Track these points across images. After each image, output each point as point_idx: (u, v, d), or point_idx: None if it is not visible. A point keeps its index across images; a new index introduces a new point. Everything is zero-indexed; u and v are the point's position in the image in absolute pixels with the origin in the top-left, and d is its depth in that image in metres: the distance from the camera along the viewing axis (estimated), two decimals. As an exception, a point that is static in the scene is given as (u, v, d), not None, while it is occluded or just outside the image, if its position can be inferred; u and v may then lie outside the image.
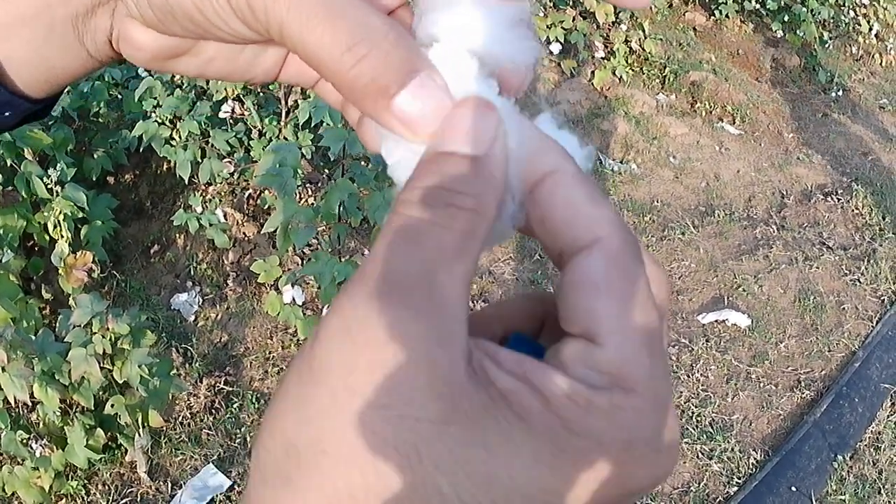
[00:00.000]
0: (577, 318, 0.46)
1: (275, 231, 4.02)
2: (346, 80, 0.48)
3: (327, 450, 0.40)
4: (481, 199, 0.45)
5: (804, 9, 9.18)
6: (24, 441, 3.52)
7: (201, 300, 5.07)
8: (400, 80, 0.48)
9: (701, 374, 4.94)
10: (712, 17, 9.85)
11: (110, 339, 3.45)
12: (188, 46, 0.57)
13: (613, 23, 8.19)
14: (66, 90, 0.61)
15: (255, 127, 5.17)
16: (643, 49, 8.46)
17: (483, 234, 0.46)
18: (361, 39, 0.48)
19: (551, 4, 7.87)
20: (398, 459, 0.40)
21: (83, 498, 3.94)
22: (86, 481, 4.00)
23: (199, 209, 5.02)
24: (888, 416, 4.76)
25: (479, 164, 0.46)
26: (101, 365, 3.43)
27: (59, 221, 4.06)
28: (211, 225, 5.01)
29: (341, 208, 3.94)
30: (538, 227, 0.49)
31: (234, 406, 4.45)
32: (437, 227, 0.44)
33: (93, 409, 3.59)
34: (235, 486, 4.07)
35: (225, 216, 5.16)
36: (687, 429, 4.55)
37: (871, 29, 9.80)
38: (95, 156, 4.94)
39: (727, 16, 9.70)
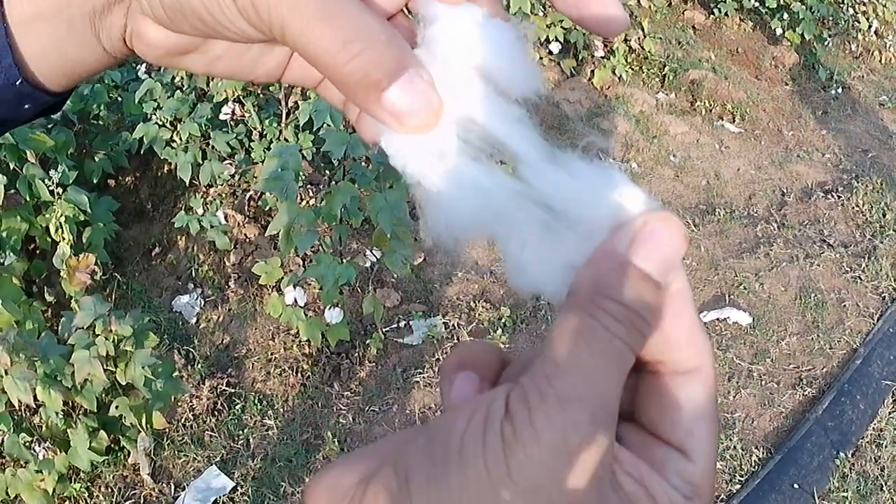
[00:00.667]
0: (675, 432, 0.50)
1: (277, 233, 4.03)
2: (342, 74, 0.51)
3: None
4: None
5: (803, 6, 9.17)
6: (28, 444, 3.52)
7: (203, 302, 5.08)
8: (390, 75, 0.51)
9: (703, 373, 4.93)
10: (711, 16, 9.85)
11: (113, 341, 3.45)
12: (197, 44, 0.58)
13: (613, 22, 8.17)
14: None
15: (255, 128, 5.18)
16: (643, 48, 8.46)
17: None
18: (357, 38, 0.50)
19: (550, 4, 7.86)
20: None
21: (86, 500, 3.95)
22: (89, 484, 4.00)
23: (200, 211, 5.03)
24: (890, 413, 4.75)
25: (661, 294, 0.48)
26: (105, 367, 3.43)
27: (60, 224, 4.06)
28: (212, 227, 5.01)
29: (342, 210, 3.95)
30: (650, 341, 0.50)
31: (237, 408, 4.46)
32: (629, 351, 0.46)
33: (95, 411, 3.59)
34: (238, 488, 4.07)
35: (226, 218, 5.16)
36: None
37: (870, 26, 9.78)
38: (96, 158, 4.95)
39: (726, 14, 9.70)
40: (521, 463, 0.42)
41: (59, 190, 4.22)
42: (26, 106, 0.59)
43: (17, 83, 0.58)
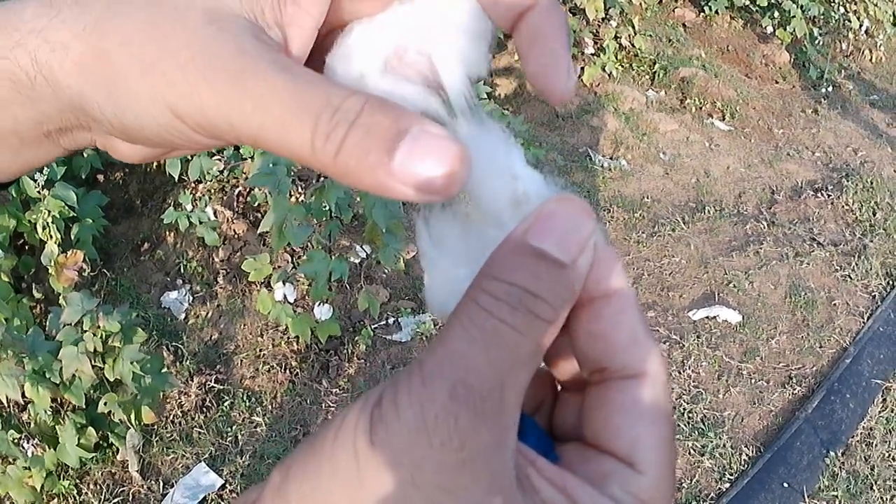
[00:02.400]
0: (619, 441, 0.48)
1: (267, 230, 4.02)
2: (336, 169, 0.46)
3: None
4: (559, 312, 0.46)
5: (794, 5, 9.17)
6: (16, 441, 3.52)
7: (192, 298, 5.06)
8: (389, 147, 0.45)
9: (692, 371, 4.94)
10: (702, 14, 9.87)
11: (101, 337, 3.44)
12: (174, 148, 0.56)
13: (603, 19, 8.18)
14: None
15: (245, 124, 5.16)
16: (633, 45, 8.46)
17: (547, 346, 0.46)
18: (336, 123, 0.45)
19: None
20: None
21: (75, 497, 3.94)
22: (77, 481, 3.99)
23: (189, 207, 5.01)
24: (880, 413, 4.76)
25: (566, 275, 0.46)
26: (93, 363, 3.42)
27: (48, 223, 4.04)
28: (201, 223, 5.00)
29: (333, 206, 3.94)
30: (587, 340, 0.50)
31: (226, 404, 4.45)
32: (517, 334, 0.44)
33: (84, 407, 3.58)
34: (227, 485, 4.06)
35: (215, 214, 5.14)
36: (678, 425, 4.55)
37: (861, 25, 9.80)
38: (85, 154, 4.92)
39: (717, 12, 9.71)
40: (383, 441, 0.42)
41: (45, 189, 4.20)
42: None
43: None
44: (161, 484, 4.05)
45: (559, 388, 0.56)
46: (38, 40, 0.50)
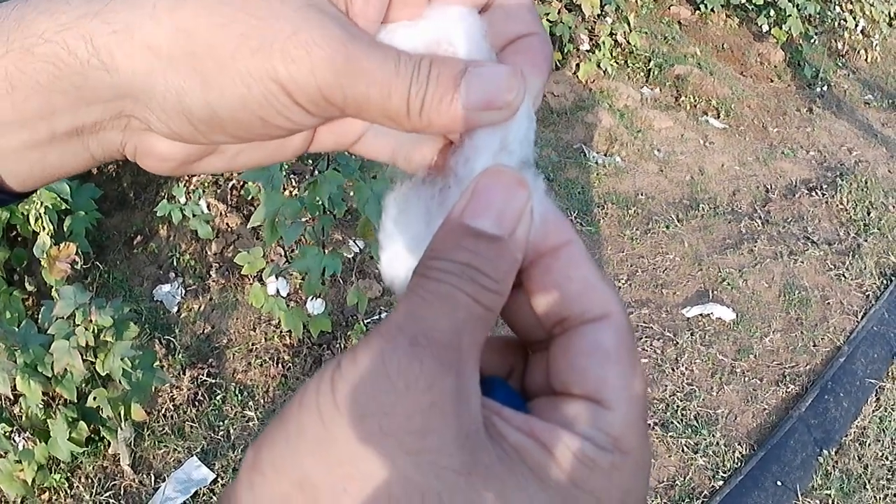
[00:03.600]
0: (585, 382, 0.49)
1: (260, 223, 4.01)
2: (423, 121, 0.52)
3: (349, 489, 0.41)
4: (504, 282, 0.48)
5: (790, 4, 9.19)
6: (7, 434, 3.50)
7: (184, 291, 5.05)
8: (454, 84, 0.51)
9: (686, 368, 4.94)
10: (697, 11, 9.88)
11: (93, 332, 3.43)
12: (213, 148, 0.58)
13: (599, 16, 8.19)
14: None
15: (239, 117, 5.16)
16: (628, 42, 8.48)
17: (499, 310, 0.49)
18: (420, 84, 0.51)
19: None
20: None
21: (66, 491, 3.92)
22: (69, 474, 3.98)
23: (182, 200, 5.01)
24: (873, 412, 4.77)
25: (504, 247, 0.48)
26: (84, 357, 3.41)
27: (40, 215, 4.03)
28: (194, 216, 4.99)
29: (327, 200, 3.94)
30: (544, 296, 0.52)
31: (218, 398, 4.44)
32: (469, 299, 0.46)
33: (75, 401, 3.57)
34: (219, 480, 4.05)
35: (208, 207, 5.14)
36: (672, 423, 4.55)
37: (856, 25, 9.83)
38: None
39: (712, 10, 9.73)
40: (346, 396, 0.42)
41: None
42: None
43: None
44: (153, 478, 4.04)
45: (530, 352, 0.57)
46: (95, 22, 0.50)
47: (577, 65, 8.20)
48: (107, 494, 3.93)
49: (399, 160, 0.61)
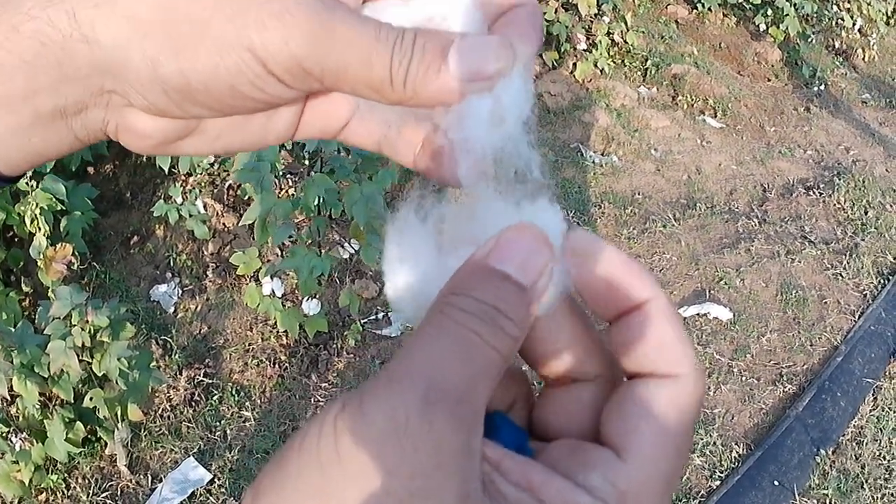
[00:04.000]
0: (617, 431, 0.49)
1: (254, 223, 4.01)
2: (408, 91, 0.51)
3: None
4: (521, 330, 0.48)
5: (787, 3, 9.19)
6: (4, 435, 3.50)
7: (181, 291, 5.06)
8: (443, 54, 0.51)
9: (683, 368, 4.94)
10: (694, 11, 9.88)
11: (90, 332, 3.43)
12: (194, 126, 0.57)
13: (596, 15, 8.19)
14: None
15: (235, 118, 5.15)
16: (625, 41, 8.48)
17: (511, 358, 0.48)
18: (403, 53, 0.51)
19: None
20: None
21: (63, 492, 3.93)
22: (66, 475, 3.98)
23: (179, 200, 5.00)
24: (870, 411, 4.77)
25: (526, 296, 0.48)
26: (81, 358, 3.41)
27: (37, 215, 4.03)
28: (191, 216, 4.99)
29: (320, 201, 3.94)
30: (623, 353, 0.51)
31: (214, 398, 4.44)
32: (488, 347, 0.46)
33: (72, 402, 3.57)
34: (216, 480, 4.05)
35: (205, 207, 5.14)
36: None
37: (854, 24, 9.83)
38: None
39: (709, 9, 9.73)
40: (349, 447, 0.42)
41: (34, 181, 4.18)
42: None
43: None
44: (150, 478, 4.05)
45: (543, 384, 0.57)
46: None
47: (574, 64, 8.20)
48: (104, 495, 3.93)
49: (385, 148, 0.61)
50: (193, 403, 4.43)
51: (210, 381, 4.53)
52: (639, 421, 0.48)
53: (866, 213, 6.62)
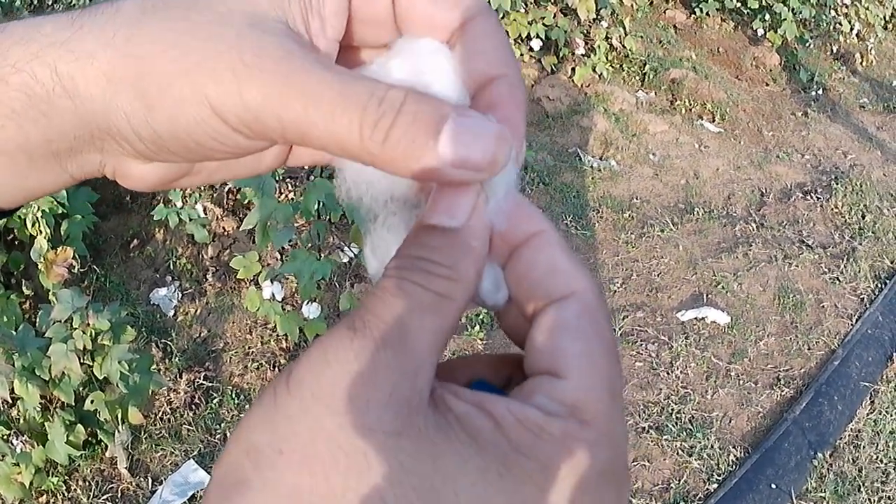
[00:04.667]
0: (545, 357, 0.49)
1: (254, 227, 4.02)
2: (384, 156, 0.47)
3: (283, 450, 0.43)
4: (456, 267, 0.49)
5: (785, 7, 9.19)
6: (5, 437, 3.51)
7: (181, 295, 5.06)
8: (434, 130, 0.47)
9: (681, 372, 4.95)
10: (693, 15, 9.89)
11: (90, 335, 3.44)
12: (187, 169, 0.58)
13: (594, 20, 8.20)
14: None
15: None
16: (624, 46, 8.48)
17: (460, 296, 0.49)
18: (382, 112, 0.47)
19: (532, 0, 7.88)
20: (347, 465, 0.42)
21: (64, 494, 3.93)
22: (66, 477, 3.99)
23: (179, 204, 5.00)
24: (867, 415, 4.78)
25: (455, 236, 0.49)
26: (81, 361, 3.42)
27: (37, 219, 4.03)
28: (191, 219, 4.99)
29: (320, 205, 3.94)
30: (518, 287, 0.53)
31: (214, 402, 4.44)
32: (415, 286, 0.47)
33: (73, 404, 3.58)
34: (216, 483, 4.05)
35: (205, 211, 5.14)
36: (667, 426, 4.56)
37: (852, 28, 9.83)
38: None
39: (708, 14, 9.73)
40: (292, 376, 0.45)
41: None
42: None
43: None
44: (150, 481, 4.05)
45: None
46: (61, 51, 0.50)
47: (573, 69, 8.21)
48: (104, 497, 3.93)
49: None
50: (193, 406, 4.44)
51: (210, 385, 4.53)
52: (560, 340, 0.49)
53: (864, 217, 6.63)
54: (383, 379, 0.44)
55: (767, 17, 9.40)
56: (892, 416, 4.78)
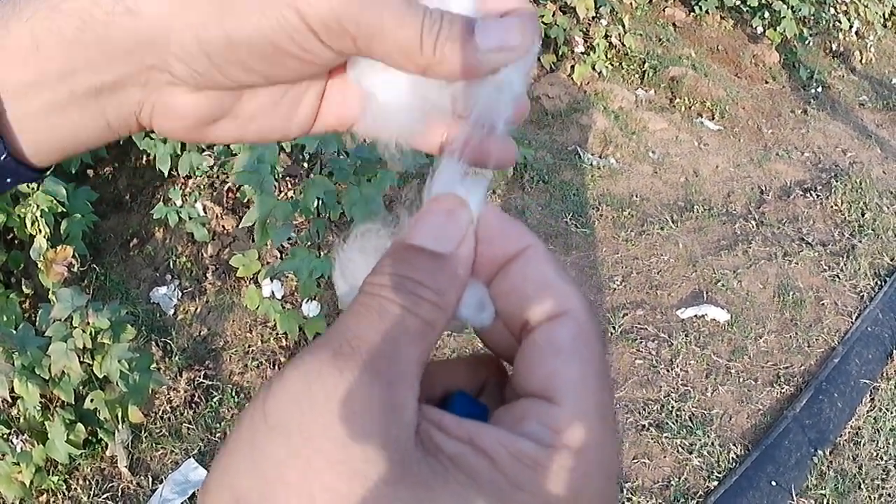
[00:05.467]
0: (537, 379, 0.49)
1: (253, 225, 4.01)
2: (437, 58, 0.53)
3: (276, 500, 0.42)
4: (443, 295, 0.49)
5: (784, 5, 9.19)
6: (5, 436, 3.50)
7: (181, 293, 5.05)
8: (470, 29, 0.53)
9: (680, 369, 4.94)
10: (692, 13, 9.88)
11: (90, 334, 3.43)
12: (229, 107, 0.58)
13: (594, 18, 8.19)
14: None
15: (235, 120, 5.14)
16: (623, 44, 8.48)
17: (442, 325, 0.49)
18: (433, 22, 0.53)
19: (531, -1, 7.87)
20: None
21: (64, 493, 3.93)
22: (67, 476, 3.98)
23: (178, 202, 5.00)
24: (867, 412, 4.78)
25: (445, 262, 0.50)
26: (81, 360, 3.42)
27: (37, 217, 4.03)
28: (190, 218, 4.99)
29: (319, 203, 3.94)
30: (506, 303, 0.53)
31: (214, 400, 4.44)
32: (404, 310, 0.47)
33: (73, 403, 3.58)
34: (216, 481, 4.05)
35: (204, 209, 5.14)
36: (667, 423, 4.56)
37: (851, 26, 9.83)
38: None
39: (707, 11, 9.72)
40: (272, 411, 0.44)
41: (35, 184, 4.18)
42: (8, 180, 0.58)
43: (2, 158, 0.56)
44: (150, 480, 4.05)
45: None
46: None
47: (572, 67, 8.20)
48: (104, 496, 3.93)
49: (401, 139, 0.61)
50: (193, 405, 4.43)
51: (210, 383, 4.53)
52: (553, 362, 0.48)
53: (863, 214, 6.63)
54: (376, 420, 0.43)
55: (767, 14, 9.39)
56: (892, 413, 4.78)
